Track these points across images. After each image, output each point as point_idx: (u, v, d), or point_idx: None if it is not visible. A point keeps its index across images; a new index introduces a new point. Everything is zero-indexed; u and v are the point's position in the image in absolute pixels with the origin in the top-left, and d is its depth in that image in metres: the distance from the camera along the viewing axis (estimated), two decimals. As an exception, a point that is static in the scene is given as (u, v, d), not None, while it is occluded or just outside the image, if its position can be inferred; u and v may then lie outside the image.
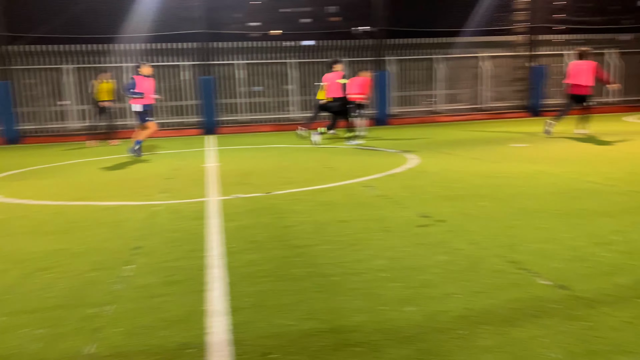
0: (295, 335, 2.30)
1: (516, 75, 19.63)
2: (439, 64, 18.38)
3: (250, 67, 17.47)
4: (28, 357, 2.21)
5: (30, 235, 4.27)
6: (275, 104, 17.97)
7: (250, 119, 17.50)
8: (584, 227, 3.79)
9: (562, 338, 2.16)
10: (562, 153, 8.05)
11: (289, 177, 6.72)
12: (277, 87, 17.92)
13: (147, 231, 4.23)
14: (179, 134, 16.38)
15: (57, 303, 2.78)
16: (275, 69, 17.90)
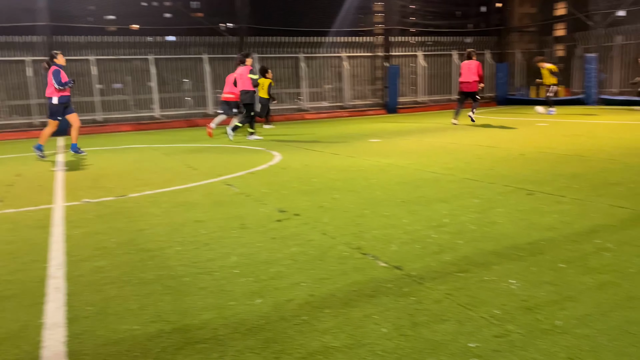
0: (138, 339, 2.25)
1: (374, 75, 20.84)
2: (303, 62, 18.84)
3: (107, 64, 16.41)
4: None
5: None
6: (136, 102, 17.11)
7: (108, 118, 16.45)
8: (422, 213, 4.18)
9: (392, 313, 2.38)
10: (410, 147, 8.75)
11: (147, 179, 6.47)
12: (138, 85, 17.07)
13: (-23, 245, 3.81)
14: (25, 136, 14.85)
15: None
16: (135, 65, 17.02)
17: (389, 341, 2.13)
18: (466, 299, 2.49)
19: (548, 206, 4.21)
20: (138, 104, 17.17)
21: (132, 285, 2.88)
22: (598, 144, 7.92)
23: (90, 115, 16.20)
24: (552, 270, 2.82)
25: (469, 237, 3.48)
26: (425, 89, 20.94)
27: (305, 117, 18.42)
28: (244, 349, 2.12)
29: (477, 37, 23.20)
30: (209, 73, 17.50)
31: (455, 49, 21.47)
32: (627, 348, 1.98)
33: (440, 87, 21.32)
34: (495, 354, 1.99)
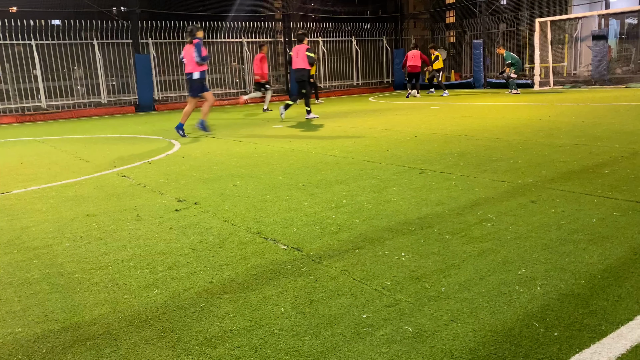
0: (22, 342, 2.11)
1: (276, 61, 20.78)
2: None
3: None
4: None
5: None
6: (17, 91, 15.72)
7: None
8: (322, 195, 4.28)
9: (290, 293, 2.43)
10: (313, 132, 8.87)
11: (32, 174, 6.01)
12: (20, 73, 15.69)
13: None
14: None
15: None
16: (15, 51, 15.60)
17: (287, 319, 2.18)
18: (361, 274, 2.61)
19: (437, 183, 4.48)
20: (21, 94, 15.80)
21: (15, 286, 2.69)
22: (484, 124, 8.53)
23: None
24: (439, 241, 3.03)
25: (365, 215, 3.62)
26: (327, 75, 21.27)
27: (207, 105, 18.00)
28: (139, 341, 2.07)
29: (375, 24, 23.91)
30: (101, 59, 16.50)
31: (354, 35, 21.98)
32: (501, 307, 2.19)
33: (341, 73, 21.76)
34: (385, 323, 2.10)
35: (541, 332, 1.97)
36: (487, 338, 1.94)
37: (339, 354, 1.90)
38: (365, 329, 2.07)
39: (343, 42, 21.80)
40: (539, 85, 17.53)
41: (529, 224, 3.25)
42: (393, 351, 1.89)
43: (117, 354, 1.98)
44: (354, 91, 21.54)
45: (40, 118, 15.18)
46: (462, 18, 25.59)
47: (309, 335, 2.04)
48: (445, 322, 2.08)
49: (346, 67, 21.88)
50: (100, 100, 16.68)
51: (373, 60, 22.90)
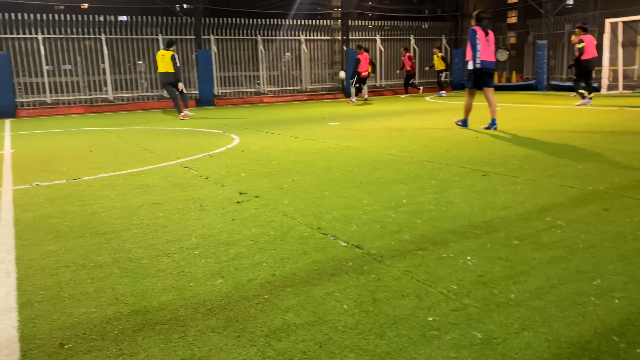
0: (95, 322, 2.19)
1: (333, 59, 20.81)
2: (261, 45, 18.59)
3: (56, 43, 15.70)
4: None
5: None
6: (87, 83, 16.49)
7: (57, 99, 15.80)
8: (381, 194, 4.23)
9: (353, 291, 2.41)
10: (369, 130, 8.82)
11: (101, 162, 6.28)
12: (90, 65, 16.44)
13: None
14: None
15: None
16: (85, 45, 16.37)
17: (351, 317, 2.16)
18: (425, 276, 2.55)
19: (502, 186, 4.34)
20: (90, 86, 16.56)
21: (88, 269, 2.80)
22: (548, 127, 8.20)
23: (39, 97, 15.53)
24: (506, 246, 2.92)
25: (426, 216, 3.55)
26: (383, 74, 21.09)
27: (264, 101, 18.25)
28: (205, 329, 2.11)
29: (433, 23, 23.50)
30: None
31: (412, 33, 21.68)
32: (576, 318, 2.08)
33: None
34: (453, 327, 2.05)
35: (622, 347, 1.85)
36: (563, 349, 1.85)
37: (405, 356, 1.86)
38: (431, 332, 2.02)
39: (400, 40, 21.55)
40: (607, 89, 16.70)
41: (603, 233, 3.09)
42: (462, 356, 1.84)
43: (184, 340, 2.03)
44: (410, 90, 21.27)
45: (107, 109, 15.86)
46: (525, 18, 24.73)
47: (373, 335, 2.02)
48: (516, 330, 2.00)
49: (403, 65, 21.62)
50: (163, 93, 17.24)
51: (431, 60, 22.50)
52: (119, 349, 1.98)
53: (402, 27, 21.70)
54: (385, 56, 21.09)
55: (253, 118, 12.04)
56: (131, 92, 16.93)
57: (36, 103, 15.45)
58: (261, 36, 18.58)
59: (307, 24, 19.40)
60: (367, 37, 20.66)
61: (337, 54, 20.88)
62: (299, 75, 19.31)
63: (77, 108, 15.62)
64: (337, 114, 12.32)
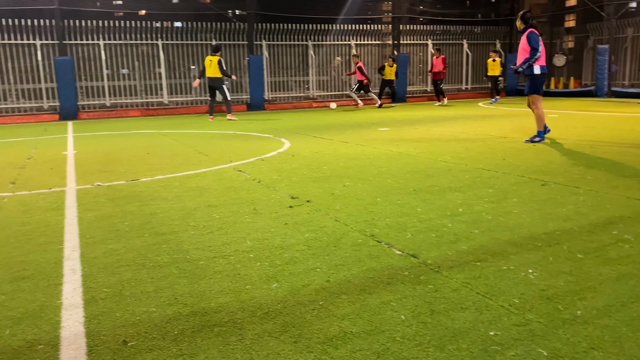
0: (156, 321, 2.25)
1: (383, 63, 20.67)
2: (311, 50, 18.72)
3: (116, 48, 16.36)
4: None
5: None
6: (144, 87, 17.07)
7: (116, 103, 16.44)
8: (435, 202, 4.15)
9: (410, 301, 2.37)
10: (420, 136, 8.69)
11: (158, 164, 6.47)
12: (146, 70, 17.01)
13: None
14: (34, 120, 14.92)
15: None
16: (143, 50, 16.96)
17: (408, 328, 2.12)
18: (484, 288, 2.48)
19: (563, 197, 4.17)
20: (146, 90, 17.14)
21: (148, 268, 2.88)
22: (610, 135, 7.84)
23: (99, 100, 16.21)
24: (570, 260, 2.80)
25: (484, 226, 3.46)
26: (434, 78, 20.77)
27: (313, 105, 18.35)
28: (263, 333, 2.12)
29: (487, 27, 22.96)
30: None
31: (465, 38, 21.28)
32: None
33: (450, 77, 21.17)
34: (516, 343, 1.97)
35: None
36: (637, 373, 1.75)
37: (466, 371, 1.80)
38: (493, 347, 1.95)
39: (452, 45, 21.19)
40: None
41: (676, 250, 2.91)
42: (527, 375, 1.77)
43: (242, 344, 2.04)
44: (462, 95, 20.87)
45: (162, 112, 16.37)
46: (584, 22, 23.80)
47: (432, 347, 1.97)
48: (585, 349, 1.91)
49: (455, 70, 21.24)
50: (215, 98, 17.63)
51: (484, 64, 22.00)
52: (179, 349, 2.02)
53: (454, 31, 21.32)
54: (436, 61, 20.77)
55: (302, 122, 12.13)
56: (185, 96, 17.39)
57: (96, 106, 16.12)
58: (312, 41, 18.71)
59: (358, 28, 19.37)
60: (419, 42, 20.43)
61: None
62: (348, 79, 19.28)
63: (134, 111, 16.20)
64: (386, 119, 12.23)
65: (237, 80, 17.99)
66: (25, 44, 15.17)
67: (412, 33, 20.49)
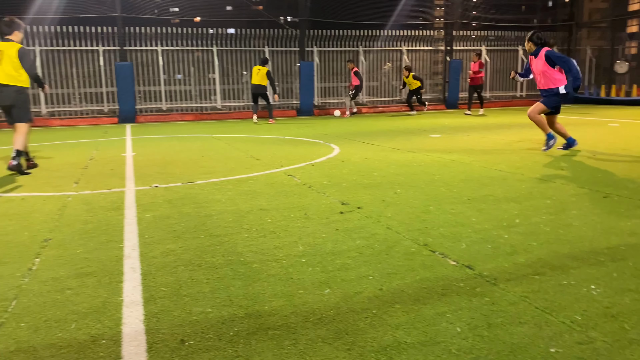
0: (212, 322, 2.30)
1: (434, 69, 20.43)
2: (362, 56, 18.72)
3: (171, 54, 16.91)
4: None
5: None
6: (198, 92, 17.55)
7: (172, 107, 16.98)
8: (491, 212, 4.05)
9: (466, 313, 2.32)
10: (473, 144, 8.51)
11: (211, 167, 6.63)
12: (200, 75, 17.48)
13: (58, 223, 4.03)
14: (95, 122, 15.62)
15: (-46, 300, 2.60)
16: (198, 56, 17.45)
17: (464, 341, 2.08)
18: (544, 303, 2.39)
19: (627, 210, 3.98)
20: (200, 95, 17.61)
21: (204, 269, 2.95)
22: (679, 147, 7.43)
23: (156, 104, 16.79)
24: (637, 277, 2.67)
25: (542, 239, 3.34)
26: (488, 85, 20.34)
27: (362, 111, 18.32)
28: (316, 338, 2.13)
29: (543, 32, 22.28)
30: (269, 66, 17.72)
31: (520, 44, 20.72)
32: None
33: (504, 84, 20.67)
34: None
35: None
36: None
37: (527, 388, 1.75)
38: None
39: (507, 51, 20.68)
40: None
41: None
42: (592, 396, 1.69)
43: (296, 348, 2.06)
44: (517, 102, 20.32)
45: (215, 117, 16.77)
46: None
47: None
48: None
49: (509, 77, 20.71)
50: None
51: (540, 71, 21.38)
52: (235, 350, 2.06)
53: (508, 37, 20.80)
54: (491, 67, 20.33)
55: (352, 128, 12.12)
56: (237, 101, 17.75)
57: (153, 110, 16.70)
58: (362, 47, 18.71)
59: (409, 34, 19.23)
60: (472, 47, 20.06)
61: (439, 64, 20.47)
62: (398, 85, 19.15)
63: (188, 115, 16.67)
64: (438, 126, 12.06)
65: (288, 85, 18.22)
66: (88, 50, 15.93)
67: (465, 39, 20.15)
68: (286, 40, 17.87)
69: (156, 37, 16.67)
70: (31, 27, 15.12)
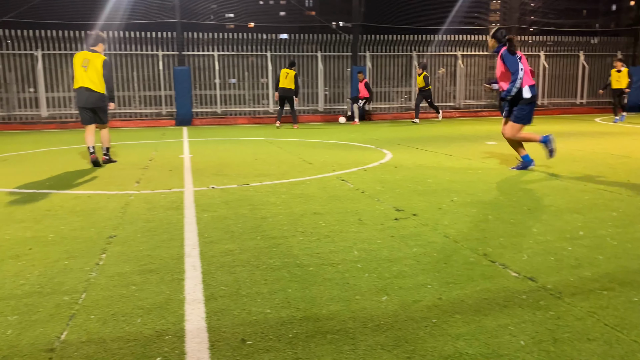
0: (271, 323, 2.33)
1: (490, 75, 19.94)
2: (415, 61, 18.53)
3: (226, 59, 17.31)
4: (1, 343, 2.18)
5: (1, 222, 4.19)
6: (251, 96, 17.87)
7: (226, 111, 17.37)
8: (553, 223, 3.92)
9: (529, 326, 2.25)
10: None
11: (265, 170, 6.73)
12: (253, 80, 17.80)
13: (122, 220, 4.19)
14: (153, 125, 16.18)
15: (30, 290, 2.75)
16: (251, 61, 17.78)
17: (529, 355, 2.01)
18: (613, 320, 2.29)
19: (703, 226, 3.75)
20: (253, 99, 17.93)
21: (261, 270, 3.00)
22: None
23: (211, 107, 17.23)
24: None
25: (609, 252, 3.20)
26: (546, 91, 19.69)
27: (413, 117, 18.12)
28: (375, 345, 2.11)
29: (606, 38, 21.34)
30: (322, 71, 17.83)
31: (581, 49, 19.95)
32: None
33: (563, 90, 19.95)
34: (655, 384, 1.80)
35: None
36: None
37: (599, 408, 1.67)
38: (629, 386, 1.79)
39: (566, 57, 19.94)
40: None
41: None
42: (671, 421, 1.60)
43: (355, 354, 2.05)
44: (576, 110, 19.56)
45: (267, 121, 17.02)
46: None
47: (557, 378, 1.85)
48: None
49: (569, 84, 19.96)
50: (317, 108, 18.03)
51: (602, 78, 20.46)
52: (294, 352, 2.07)
53: (567, 42, 20.06)
54: (549, 73, 19.68)
55: (404, 134, 12.02)
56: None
57: (208, 113, 17.15)
58: (416, 52, 18.53)
59: (463, 39, 18.88)
60: (530, 53, 19.48)
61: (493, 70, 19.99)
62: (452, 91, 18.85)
63: (242, 119, 17.01)
64: (493, 133, 11.77)
65: (339, 90, 18.27)
66: (149, 54, 16.54)
67: (522, 44, 19.58)
68: (338, 45, 17.94)
69: (212, 43, 17.11)
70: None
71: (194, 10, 19.90)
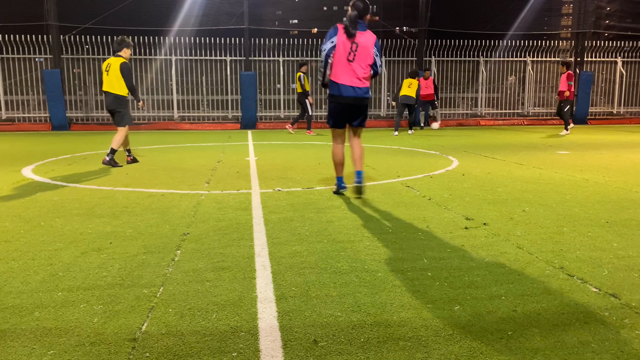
0: (342, 326, 2.34)
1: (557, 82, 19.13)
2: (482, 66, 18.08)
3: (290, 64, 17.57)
4: (88, 330, 2.32)
5: (83, 217, 4.45)
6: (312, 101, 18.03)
7: (288, 115, 17.63)
8: (635, 238, 3.70)
9: (614, 345, 2.13)
10: (607, 163, 7.83)
11: (328, 174, 6.77)
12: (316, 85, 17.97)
13: (194, 219, 4.35)
14: (219, 128, 16.66)
15: (112, 282, 2.90)
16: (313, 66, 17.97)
17: (615, 376, 1.91)
18: None
19: None
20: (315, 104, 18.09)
21: (329, 273, 3.02)
22: None
23: (274, 112, 17.55)
24: None
25: (702, 272, 2.98)
26: (623, 100, 18.65)
27: (481, 123, 17.68)
28: (449, 354, 2.08)
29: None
30: (385, 76, 17.74)
31: (665, 55, 18.75)
32: None
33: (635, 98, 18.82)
34: None
35: None
36: None
37: None
38: None
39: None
40: None
41: None
42: None
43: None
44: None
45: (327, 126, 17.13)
46: None
47: (648, 402, 1.74)
48: None
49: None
50: (380, 113, 17.96)
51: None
52: (367, 357, 2.07)
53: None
54: (626, 80, 18.62)
55: (470, 140, 11.74)
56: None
57: (271, 117, 17.47)
58: (484, 57, 18.07)
59: (533, 44, 18.23)
60: (606, 59, 18.53)
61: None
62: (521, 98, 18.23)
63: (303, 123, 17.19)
64: (565, 142, 11.28)
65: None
66: (217, 60, 17.08)
67: (597, 49, 18.66)
68: (402, 50, 17.80)
69: (277, 48, 17.44)
70: (173, 39, 16.58)
71: (260, 16, 20.34)
